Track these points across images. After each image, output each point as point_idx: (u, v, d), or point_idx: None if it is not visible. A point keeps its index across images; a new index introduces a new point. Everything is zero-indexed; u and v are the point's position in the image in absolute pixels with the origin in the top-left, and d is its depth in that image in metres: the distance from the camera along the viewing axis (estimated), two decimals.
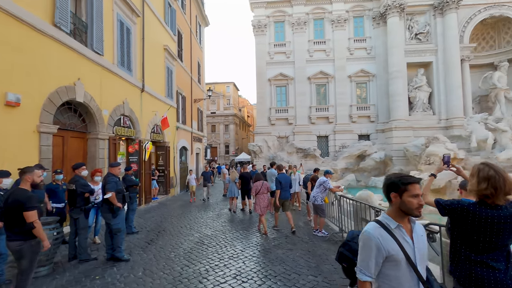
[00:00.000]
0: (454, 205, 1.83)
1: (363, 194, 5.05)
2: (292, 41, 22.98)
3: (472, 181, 1.83)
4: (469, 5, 20.26)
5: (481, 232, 1.71)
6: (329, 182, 5.95)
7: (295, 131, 22.25)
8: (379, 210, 4.46)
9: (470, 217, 1.74)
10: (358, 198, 5.03)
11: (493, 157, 15.00)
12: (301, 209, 9.31)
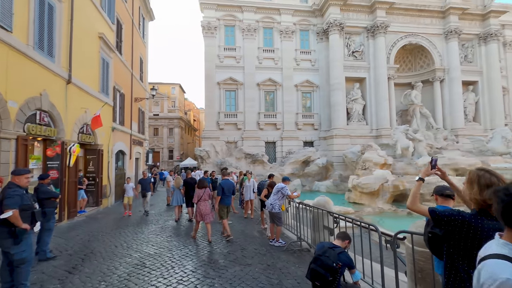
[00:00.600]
0: (454, 216, 1.64)
1: (321, 200, 4.94)
2: (242, 47, 22.96)
3: (473, 189, 1.66)
4: (394, 32, 23.46)
5: (481, 246, 1.56)
6: (288, 189, 5.73)
7: (244, 136, 22.07)
8: (338, 216, 4.37)
9: (472, 230, 1.57)
10: (316, 204, 4.90)
11: (413, 162, 17.32)
12: (254, 217, 8.95)
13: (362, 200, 14.59)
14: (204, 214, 6.19)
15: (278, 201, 5.71)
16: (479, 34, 24.82)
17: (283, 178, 6.14)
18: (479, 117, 24.54)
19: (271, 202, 5.73)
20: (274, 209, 5.68)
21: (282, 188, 5.72)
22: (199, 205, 6.26)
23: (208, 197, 6.39)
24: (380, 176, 14.61)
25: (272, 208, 5.68)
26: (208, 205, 6.34)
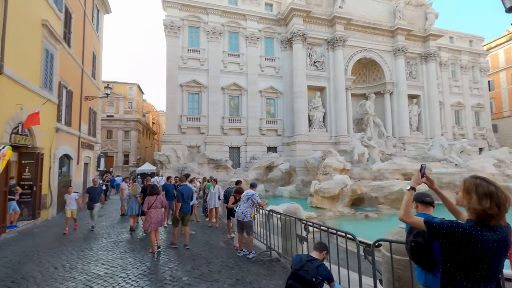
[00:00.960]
0: (453, 228, 1.54)
1: (291, 207, 4.81)
2: (207, 49, 22.45)
3: (471, 199, 1.59)
4: (351, 46, 25.19)
5: (480, 259, 1.50)
6: (258, 196, 5.50)
7: (207, 141, 21.41)
8: (312, 224, 4.26)
9: (472, 243, 1.49)
10: (287, 211, 4.75)
11: (368, 168, 18.55)
12: (219, 225, 8.50)
13: (323, 205, 15.04)
14: (155, 222, 5.85)
15: (249, 209, 5.44)
16: (421, 54, 27.98)
17: (251, 184, 5.90)
18: (422, 127, 27.47)
19: (242, 211, 5.43)
20: (246, 218, 5.40)
21: (252, 195, 5.47)
22: (150, 213, 5.88)
23: (160, 205, 6.06)
24: (340, 181, 15.27)
25: (244, 217, 5.39)
26: (160, 213, 6.03)
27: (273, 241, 5.13)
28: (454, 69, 31.52)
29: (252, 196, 5.46)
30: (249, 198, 5.45)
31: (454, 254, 1.56)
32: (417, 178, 1.99)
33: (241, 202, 5.52)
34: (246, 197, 5.50)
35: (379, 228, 10.81)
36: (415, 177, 2.01)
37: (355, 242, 2.92)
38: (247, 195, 5.51)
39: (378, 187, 15.10)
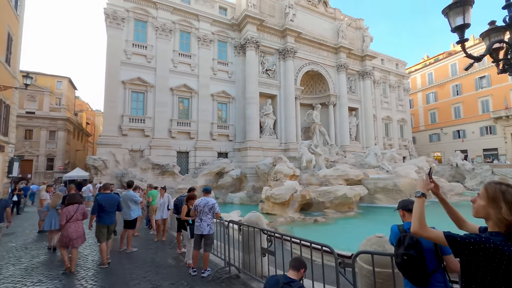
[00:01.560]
0: (483, 243, 1.31)
1: (252, 217, 4.43)
2: (155, 46, 20.88)
3: (500, 208, 1.38)
4: (301, 58, 26.55)
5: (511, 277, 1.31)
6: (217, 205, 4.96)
7: (152, 144, 19.69)
8: (273, 235, 3.95)
9: (505, 260, 1.28)
10: (248, 222, 4.36)
11: (315, 174, 19.49)
12: (167, 239, 7.56)
13: (274, 211, 15.08)
14: (73, 238, 5.04)
15: (212, 220, 4.87)
16: (359, 71, 31.17)
17: (206, 189, 5.26)
18: (359, 137, 30.38)
19: (208, 223, 4.81)
20: (211, 230, 4.82)
21: (214, 205, 4.90)
22: (68, 227, 5.09)
23: (82, 216, 5.35)
24: (290, 187, 15.56)
25: (210, 229, 4.79)
26: (81, 226, 5.31)
27: (232, 256, 4.65)
28: (385, 87, 36.02)
29: (214, 206, 4.90)
30: (211, 209, 4.86)
31: (481, 273, 1.33)
32: (425, 183, 1.78)
33: (201, 213, 4.86)
34: (208, 208, 4.88)
35: (330, 232, 11.26)
36: (423, 181, 1.79)
37: (329, 255, 2.67)
38: (209, 205, 4.90)
39: (324, 192, 15.85)
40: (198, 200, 4.98)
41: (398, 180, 18.56)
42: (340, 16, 30.16)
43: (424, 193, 1.71)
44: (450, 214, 1.85)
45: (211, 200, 5.00)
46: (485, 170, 28.22)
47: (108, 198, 5.79)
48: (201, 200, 4.94)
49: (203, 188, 5.20)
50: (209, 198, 5.01)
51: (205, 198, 4.98)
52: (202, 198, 5.00)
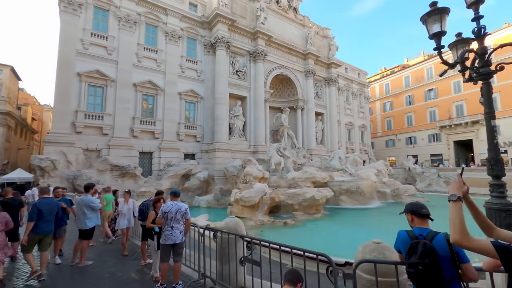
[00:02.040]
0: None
1: (230, 223, 4.07)
2: (117, 38, 19.32)
3: None
4: (271, 61, 26.78)
5: None
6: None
7: (111, 144, 18.08)
8: (250, 241, 3.64)
9: None
10: (226, 228, 3.99)
11: (284, 176, 19.63)
12: (128, 248, 6.75)
13: (243, 214, 14.76)
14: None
15: (183, 227, 4.36)
16: (325, 78, 32.49)
17: (174, 192, 4.69)
18: (325, 141, 31.57)
19: (181, 230, 4.29)
20: (184, 238, 4.32)
21: (186, 211, 4.40)
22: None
23: (3, 226, 4.70)
24: (260, 189, 15.37)
25: (183, 237, 4.27)
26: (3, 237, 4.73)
27: (207, 266, 4.21)
28: (348, 95, 38.09)
29: (186, 212, 4.40)
30: (184, 215, 4.36)
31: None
32: (460, 185, 1.60)
33: (172, 220, 4.31)
34: (180, 214, 4.35)
35: (300, 235, 11.25)
36: (457, 183, 1.61)
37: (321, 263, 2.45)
38: (181, 211, 4.38)
39: (293, 195, 15.99)
40: (168, 205, 4.43)
41: (361, 183, 19.53)
42: (309, 23, 31.18)
43: (460, 196, 1.55)
44: (477, 220, 1.69)
45: (183, 206, 4.51)
46: (432, 173, 31.23)
47: (46, 204, 5.08)
48: (172, 205, 4.41)
49: (171, 191, 4.65)
50: (181, 203, 4.50)
51: (176, 203, 4.45)
52: (172, 202, 4.47)
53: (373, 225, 12.69)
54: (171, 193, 4.70)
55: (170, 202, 4.43)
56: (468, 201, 1.68)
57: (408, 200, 21.55)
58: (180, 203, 4.48)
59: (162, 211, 4.34)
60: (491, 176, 4.05)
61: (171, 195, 4.68)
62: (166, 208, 4.37)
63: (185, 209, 4.48)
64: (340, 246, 8.88)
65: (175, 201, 4.51)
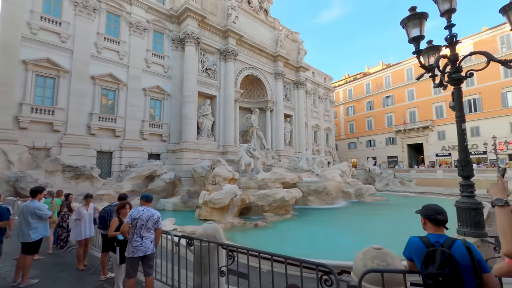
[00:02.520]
0: None
1: (208, 229, 3.67)
2: (73, 24, 17.45)
3: None
4: (241, 61, 26.52)
5: None
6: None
7: (64, 142, 16.22)
8: (235, 250, 3.32)
9: None
10: (204, 235, 3.60)
11: (254, 177, 19.46)
12: (87, 260, 5.88)
13: (212, 216, 14.23)
14: None
15: (153, 237, 3.82)
16: (294, 81, 33.19)
17: (146, 197, 4.14)
18: (293, 142, 32.18)
19: (152, 239, 3.74)
20: (155, 249, 3.79)
21: (159, 219, 3.88)
22: None
23: None
24: (230, 191, 14.97)
25: (154, 248, 3.73)
26: None
27: (183, 279, 3.74)
28: (315, 98, 39.42)
29: (159, 220, 3.87)
30: (156, 223, 3.82)
31: None
32: (503, 187, 1.44)
33: (141, 228, 3.75)
34: (152, 222, 3.81)
35: (272, 236, 11.09)
36: (500, 187, 1.46)
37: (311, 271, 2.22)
38: (154, 218, 3.83)
39: (264, 196, 15.88)
40: (138, 211, 3.85)
41: (327, 183, 20.17)
42: (279, 26, 31.58)
43: (507, 200, 1.40)
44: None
45: (156, 213, 3.97)
46: (389, 174, 33.68)
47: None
48: (143, 212, 3.84)
49: (143, 195, 4.09)
50: (153, 210, 3.96)
51: (147, 209, 3.89)
52: (142, 208, 3.91)
53: (342, 224, 13.09)
54: (143, 198, 4.14)
55: (141, 208, 3.87)
56: None
57: (370, 199, 22.83)
58: (152, 209, 3.94)
59: (131, 217, 3.76)
60: (462, 176, 4.25)
61: (143, 200, 4.12)
62: (136, 214, 3.80)
63: (158, 217, 3.96)
64: (316, 248, 8.92)
65: (146, 207, 3.97)
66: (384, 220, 14.43)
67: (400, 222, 14.36)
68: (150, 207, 4.04)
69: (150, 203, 4.09)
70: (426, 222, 1.96)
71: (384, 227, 12.70)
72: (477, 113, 32.13)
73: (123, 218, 4.05)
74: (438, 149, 35.93)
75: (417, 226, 8.61)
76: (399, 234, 11.31)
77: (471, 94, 32.79)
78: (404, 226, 13.44)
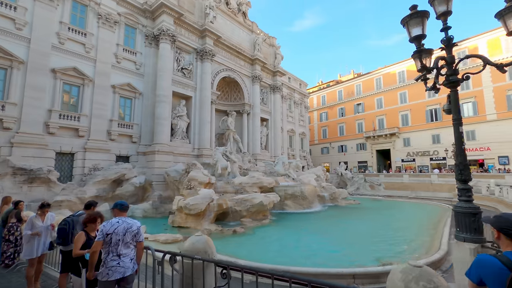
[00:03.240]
0: None
1: (198, 243, 3.08)
2: (31, 11, 15.64)
3: None
4: (218, 63, 25.92)
5: None
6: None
7: (15, 141, 14.31)
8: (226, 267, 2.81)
9: None
10: (192, 250, 3.03)
11: (231, 181, 18.84)
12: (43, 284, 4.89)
13: (188, 223, 13.40)
14: None
15: (134, 253, 3.11)
16: (271, 85, 33.27)
17: (118, 204, 3.43)
18: (269, 146, 32.08)
19: (131, 257, 3.03)
20: (136, 266, 3.12)
21: (139, 230, 3.18)
22: None
23: None
24: (206, 196, 14.25)
25: (134, 266, 3.05)
26: None
27: None
28: (290, 103, 39.89)
29: (139, 233, 3.19)
30: (135, 236, 3.12)
31: None
32: None
33: (118, 244, 3.06)
34: (131, 235, 3.12)
35: (253, 244, 10.52)
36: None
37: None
38: (132, 230, 3.14)
39: (241, 201, 15.35)
40: (111, 224, 3.14)
41: (304, 187, 20.18)
42: (257, 30, 31.55)
43: None
44: None
45: (134, 223, 3.26)
46: (360, 178, 34.92)
47: None
48: (118, 223, 3.13)
49: (116, 203, 3.36)
50: (131, 220, 3.29)
51: (123, 220, 3.20)
52: (117, 219, 3.21)
53: (322, 229, 12.99)
54: (117, 207, 3.42)
55: (114, 219, 3.15)
56: None
57: (343, 203, 23.30)
58: (130, 219, 3.24)
59: (103, 233, 3.02)
60: (459, 180, 4.17)
61: (117, 209, 3.40)
62: (109, 228, 3.08)
63: (137, 228, 3.25)
64: (302, 254, 8.59)
65: (122, 217, 3.25)
66: (361, 223, 14.67)
67: (376, 224, 14.74)
68: (127, 217, 3.33)
69: (125, 212, 3.37)
70: (500, 236, 1.65)
71: (363, 230, 12.87)
72: (438, 122, 34.76)
73: (91, 233, 3.29)
74: (404, 155, 38.19)
75: (391, 226, 8.64)
76: (380, 235, 11.58)
77: (434, 104, 35.43)
78: (380, 227, 13.79)
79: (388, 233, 12.16)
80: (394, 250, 9.45)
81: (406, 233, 12.20)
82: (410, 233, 12.10)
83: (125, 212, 3.38)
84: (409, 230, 12.80)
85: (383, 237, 11.48)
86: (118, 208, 3.35)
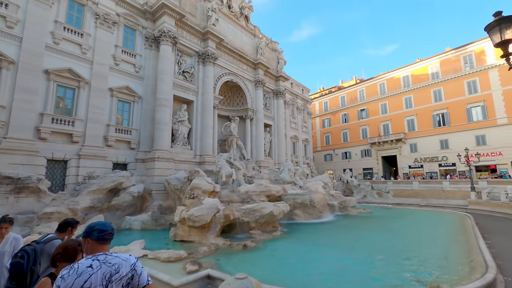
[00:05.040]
0: None
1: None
2: (25, 9, 14.70)
3: None
4: (221, 66, 25.04)
5: None
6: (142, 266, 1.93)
7: (2, 147, 13.09)
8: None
9: None
10: None
11: (236, 190, 17.57)
12: None
13: (191, 237, 12.05)
14: None
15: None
16: (274, 90, 32.38)
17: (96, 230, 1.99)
18: (272, 153, 30.91)
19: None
20: None
21: (135, 269, 1.81)
22: None
23: None
24: (212, 206, 12.93)
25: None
26: None
27: None
28: (293, 109, 38.98)
29: (135, 274, 1.88)
30: (132, 277, 1.80)
31: None
32: None
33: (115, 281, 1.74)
34: (120, 283, 1.78)
35: (269, 261, 9.12)
36: None
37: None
38: (120, 275, 1.78)
39: (250, 211, 14.04)
40: (76, 271, 1.73)
41: (313, 196, 18.89)
42: (259, 34, 30.90)
43: None
44: None
45: (124, 262, 1.90)
46: (367, 185, 33.68)
47: None
48: (90, 270, 1.74)
49: (90, 226, 1.99)
50: (118, 257, 1.89)
51: (104, 259, 1.83)
52: (91, 261, 1.81)
53: (341, 242, 11.70)
54: (91, 234, 2.00)
55: (85, 261, 1.78)
56: None
57: (354, 212, 21.97)
58: (116, 255, 1.91)
59: None
60: None
61: (91, 240, 2.00)
62: (73, 283, 1.71)
63: (133, 268, 1.91)
64: (331, 273, 7.32)
65: (99, 255, 1.88)
66: (379, 234, 13.38)
67: (396, 235, 13.47)
68: (109, 252, 1.97)
69: (107, 245, 2.01)
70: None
71: (385, 242, 11.60)
72: (446, 126, 33.84)
73: (60, 266, 1.97)
74: (411, 161, 37.10)
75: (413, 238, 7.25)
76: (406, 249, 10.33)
77: (440, 108, 34.59)
78: (401, 239, 12.54)
79: (413, 246, 10.89)
80: (431, 267, 8.19)
81: (433, 245, 10.93)
82: (439, 246, 10.83)
83: (106, 244, 2.03)
84: (436, 242, 11.54)
85: (411, 251, 10.18)
86: (94, 237, 1.96)
